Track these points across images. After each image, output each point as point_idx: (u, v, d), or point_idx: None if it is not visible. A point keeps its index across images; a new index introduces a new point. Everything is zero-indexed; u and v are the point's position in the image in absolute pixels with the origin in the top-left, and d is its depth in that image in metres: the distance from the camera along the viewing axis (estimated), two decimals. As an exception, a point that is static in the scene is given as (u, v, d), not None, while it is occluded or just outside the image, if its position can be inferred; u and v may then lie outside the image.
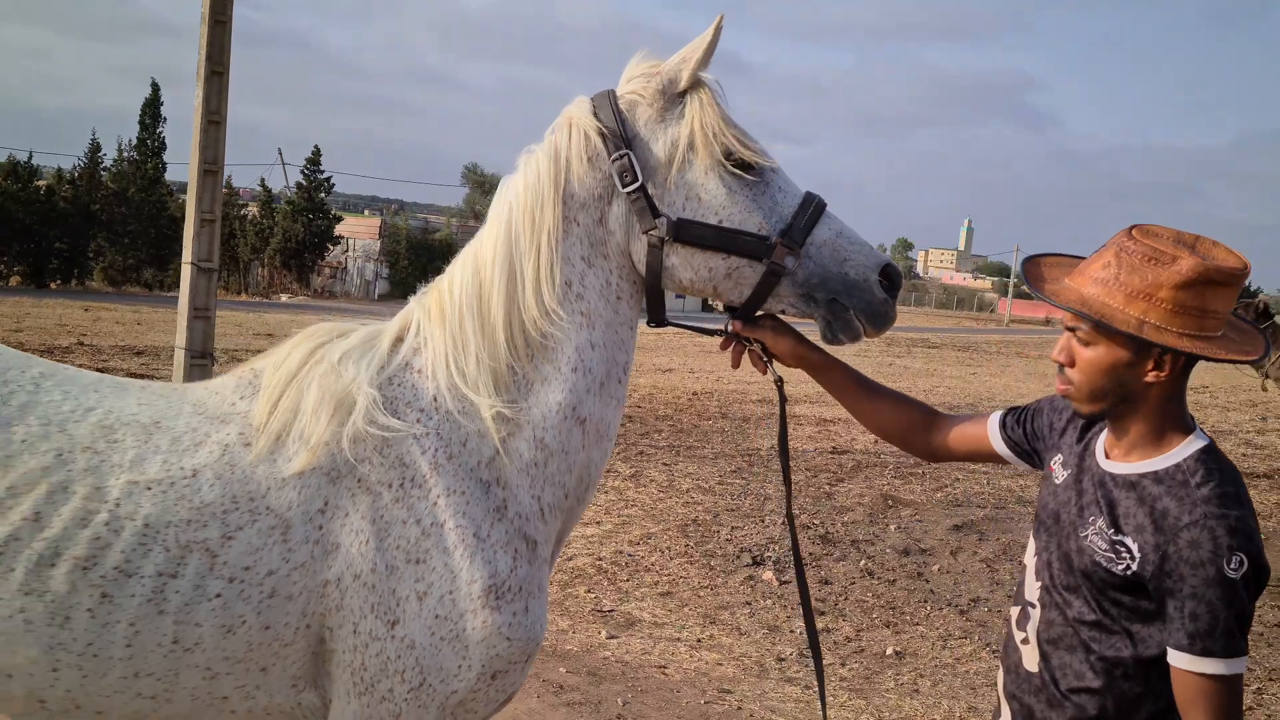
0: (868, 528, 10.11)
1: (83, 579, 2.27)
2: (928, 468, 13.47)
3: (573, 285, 2.53)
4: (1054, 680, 2.34)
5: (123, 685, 2.32)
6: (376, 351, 2.53)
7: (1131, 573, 2.20)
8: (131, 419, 2.43)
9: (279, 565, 2.35)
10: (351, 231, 54.89)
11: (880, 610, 7.77)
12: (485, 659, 2.41)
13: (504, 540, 2.45)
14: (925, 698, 6.25)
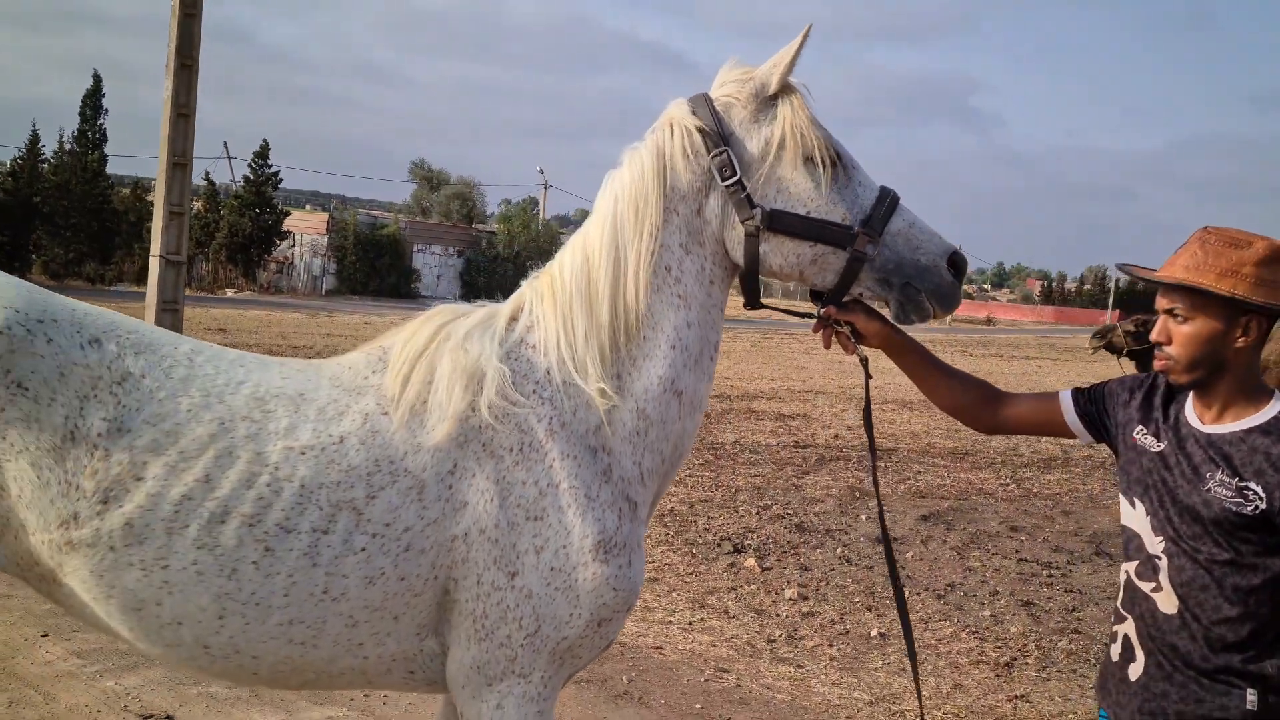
0: (839, 517, 10.40)
1: (249, 534, 2.50)
2: (890, 460, 13.82)
3: (671, 270, 2.76)
4: (1195, 617, 2.64)
5: (278, 631, 2.55)
6: (495, 329, 2.76)
7: (1260, 511, 2.55)
8: (279, 391, 2.65)
9: (415, 522, 2.58)
10: (299, 227, 54.41)
11: (861, 595, 8.04)
12: (594, 608, 2.65)
13: (611, 501, 2.68)
14: (911, 675, 6.49)
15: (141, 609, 2.52)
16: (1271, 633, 2.60)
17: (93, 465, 2.47)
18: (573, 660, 2.71)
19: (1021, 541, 10.07)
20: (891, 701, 6.07)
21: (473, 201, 74.88)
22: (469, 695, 2.67)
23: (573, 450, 2.66)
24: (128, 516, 2.47)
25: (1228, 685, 2.61)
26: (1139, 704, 2.74)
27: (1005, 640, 7.22)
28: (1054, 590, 8.49)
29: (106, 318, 2.68)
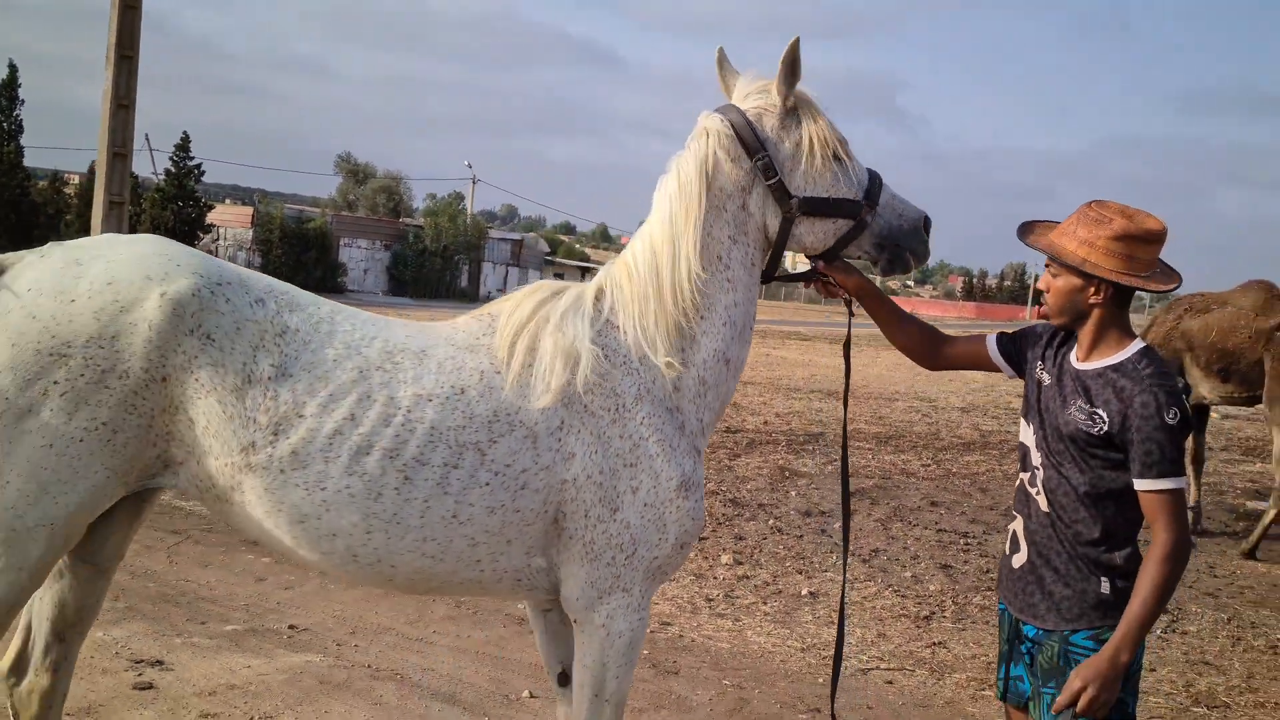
0: (770, 494, 10.96)
1: (390, 465, 3.02)
2: (816, 444, 14.44)
3: (722, 259, 3.33)
4: (1060, 517, 3.22)
5: (414, 546, 3.09)
6: (585, 311, 3.29)
7: (1104, 432, 3.11)
8: (405, 346, 3.17)
9: (530, 465, 3.13)
10: (223, 220, 53.85)
11: (792, 560, 8.60)
12: (677, 534, 3.27)
13: (686, 449, 3.29)
14: (840, 628, 7.06)
15: (304, 522, 3.03)
16: (1121, 534, 3.18)
17: (265, 403, 2.98)
18: (661, 575, 3.32)
19: (941, 514, 10.72)
20: (822, 649, 6.61)
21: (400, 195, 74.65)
22: (584, 607, 3.24)
23: (656, 411, 3.24)
24: (293, 445, 2.98)
25: (1087, 573, 3.17)
26: (1022, 586, 3.32)
27: (925, 597, 7.82)
28: (970, 555, 9.13)
29: (263, 280, 3.20)
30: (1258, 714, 6.00)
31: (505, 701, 5.38)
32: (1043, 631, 3.23)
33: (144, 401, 2.94)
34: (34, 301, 2.91)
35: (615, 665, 3.26)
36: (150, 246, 3.10)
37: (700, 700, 5.60)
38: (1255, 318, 10.53)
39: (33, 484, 2.88)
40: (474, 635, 6.35)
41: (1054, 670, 3.19)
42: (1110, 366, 3.18)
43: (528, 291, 3.38)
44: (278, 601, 6.64)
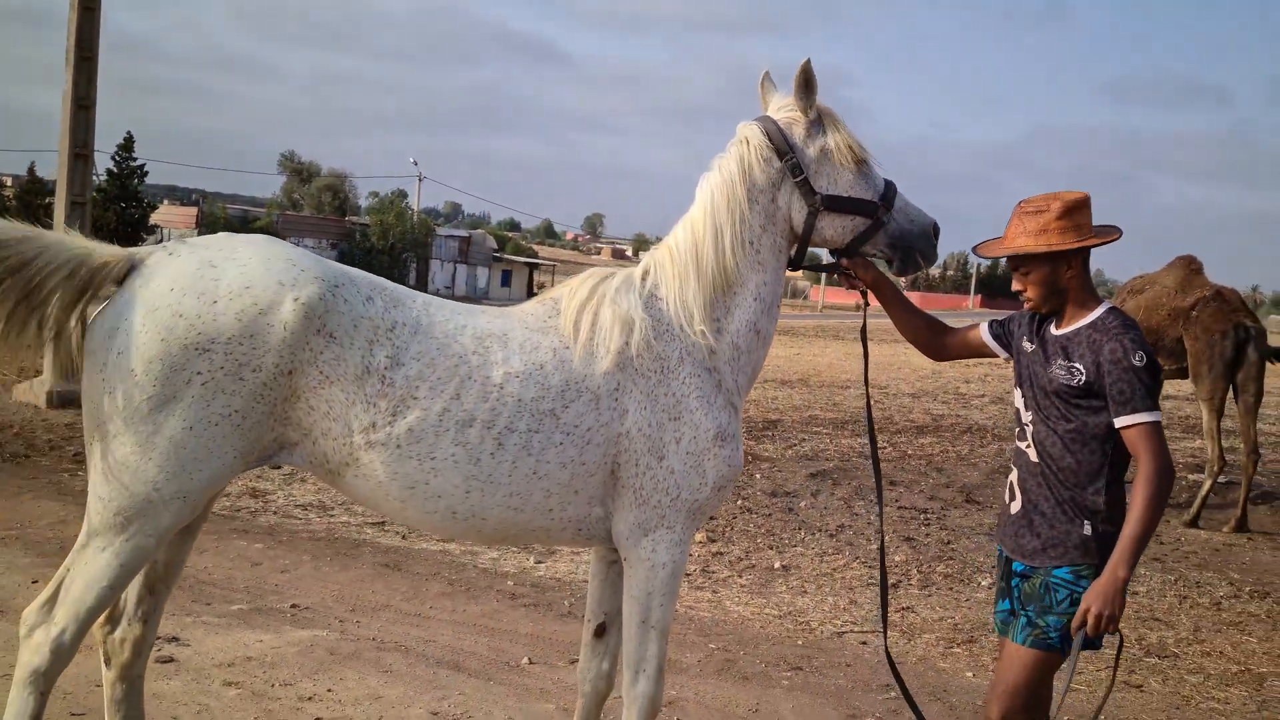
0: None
1: (487, 434, 3.48)
2: (776, 430, 14.84)
3: (753, 244, 3.81)
4: (1048, 466, 3.64)
5: (503, 501, 3.53)
6: (635, 286, 3.76)
7: (1083, 382, 3.56)
8: (489, 332, 3.60)
9: (594, 423, 3.58)
10: (167, 221, 53.45)
11: (762, 537, 8.97)
12: (716, 478, 3.69)
13: (723, 405, 3.73)
14: (812, 596, 7.45)
15: (415, 487, 3.46)
16: (1102, 478, 3.57)
17: (383, 390, 3.38)
18: (701, 515, 3.75)
19: (900, 493, 11.16)
20: (797, 615, 6.99)
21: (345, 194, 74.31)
22: (632, 543, 3.66)
23: (696, 371, 3.69)
24: (409, 424, 3.40)
25: (1072, 516, 3.58)
26: (1015, 530, 3.73)
27: (891, 567, 8.22)
28: (931, 529, 9.57)
29: (367, 278, 3.58)
30: (1204, 661, 6.46)
31: (507, 668, 5.68)
32: (1029, 567, 3.64)
33: (272, 392, 3.32)
34: (179, 301, 3.27)
35: (660, 594, 3.68)
36: (274, 250, 3.46)
37: (690, 662, 5.94)
38: (1174, 295, 11.10)
39: (173, 461, 3.25)
40: (469, 609, 6.65)
41: (1034, 596, 3.59)
42: (1084, 326, 3.63)
43: (583, 278, 3.84)
44: (276, 584, 6.88)
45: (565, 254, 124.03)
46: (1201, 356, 10.72)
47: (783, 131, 3.80)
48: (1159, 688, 6.01)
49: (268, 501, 9.28)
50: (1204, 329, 10.74)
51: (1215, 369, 10.68)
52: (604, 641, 4.03)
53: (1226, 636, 7.00)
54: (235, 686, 5.08)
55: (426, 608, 6.63)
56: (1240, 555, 9.56)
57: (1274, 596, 8.07)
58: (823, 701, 5.52)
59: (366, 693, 5.15)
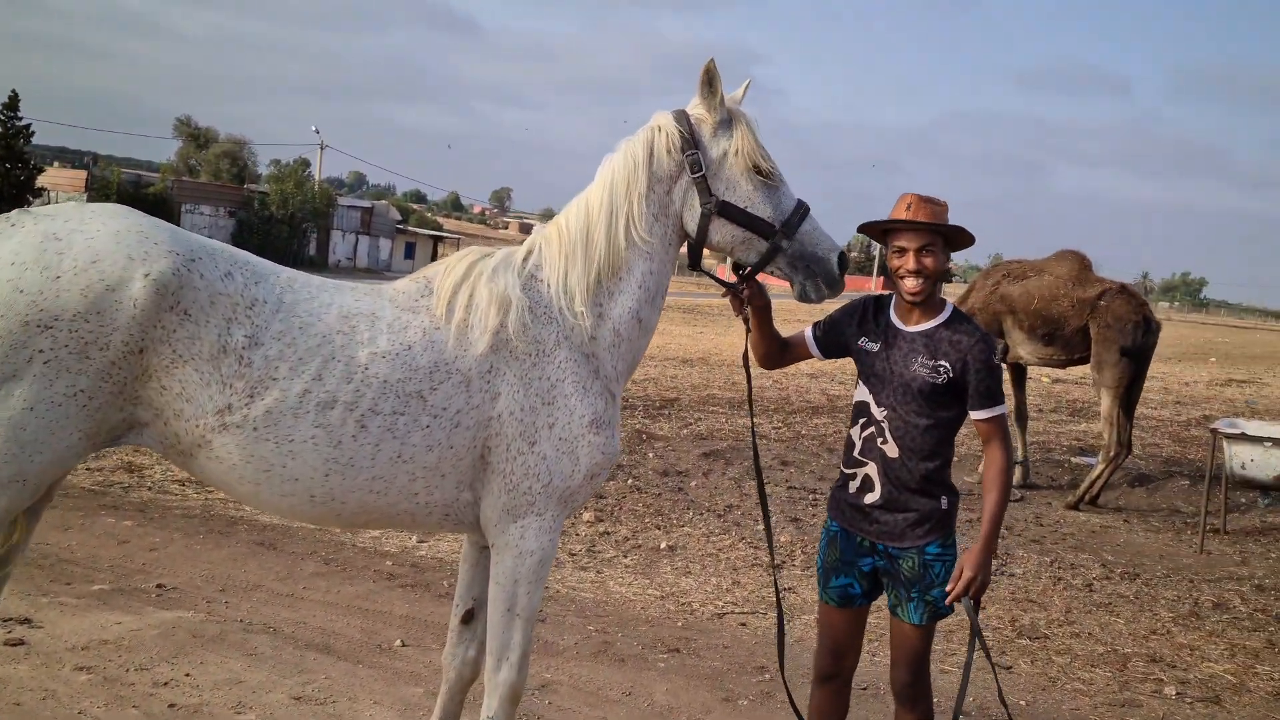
0: (628, 456, 11.29)
1: (349, 416, 3.36)
2: (673, 408, 14.85)
3: (643, 231, 3.74)
4: (909, 456, 3.84)
5: (364, 485, 3.43)
6: (514, 265, 3.68)
7: (948, 379, 3.78)
8: (357, 311, 3.48)
9: (463, 406, 3.49)
10: (54, 184, 51.42)
11: (650, 516, 8.95)
12: (588, 466, 3.63)
13: (600, 391, 3.66)
14: (696, 577, 7.44)
15: (270, 470, 3.34)
16: (948, 457, 3.93)
17: (240, 370, 3.25)
18: (572, 502, 3.68)
19: (791, 473, 11.24)
20: (679, 596, 6.97)
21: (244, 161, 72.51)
22: (500, 530, 3.59)
23: (573, 355, 3.62)
24: (267, 406, 3.28)
25: (932, 494, 3.83)
26: (878, 517, 3.88)
27: (776, 548, 8.26)
28: (818, 510, 9.64)
29: (227, 251, 3.41)
30: (1073, 643, 6.60)
31: (378, 650, 5.55)
32: (898, 549, 3.85)
33: (120, 371, 3.16)
34: (20, 275, 3.07)
35: (526, 581, 3.61)
36: (125, 222, 3.26)
37: (567, 644, 5.87)
38: (1074, 287, 11.33)
39: (11, 443, 3.07)
40: (344, 590, 6.50)
41: (915, 577, 3.82)
42: (940, 325, 3.86)
43: (460, 255, 3.74)
44: (143, 562, 6.64)
45: (472, 227, 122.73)
46: (1111, 345, 10.97)
47: (691, 125, 3.75)
48: (1027, 669, 6.11)
49: (143, 476, 8.98)
50: (1116, 318, 11.00)
51: (1124, 357, 10.96)
52: (471, 628, 3.95)
53: (1096, 618, 7.16)
54: (87, 671, 4.88)
55: (300, 588, 6.46)
56: (1115, 537, 9.81)
57: (1143, 578, 8.28)
58: (697, 684, 5.50)
59: (227, 677, 4.98)
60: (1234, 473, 9.71)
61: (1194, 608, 7.54)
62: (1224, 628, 7.12)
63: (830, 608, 4.01)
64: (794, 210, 3.82)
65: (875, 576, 3.94)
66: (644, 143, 3.75)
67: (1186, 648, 6.65)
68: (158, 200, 52.06)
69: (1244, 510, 11.05)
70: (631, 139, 3.80)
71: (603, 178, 3.76)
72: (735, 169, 3.75)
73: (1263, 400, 22.96)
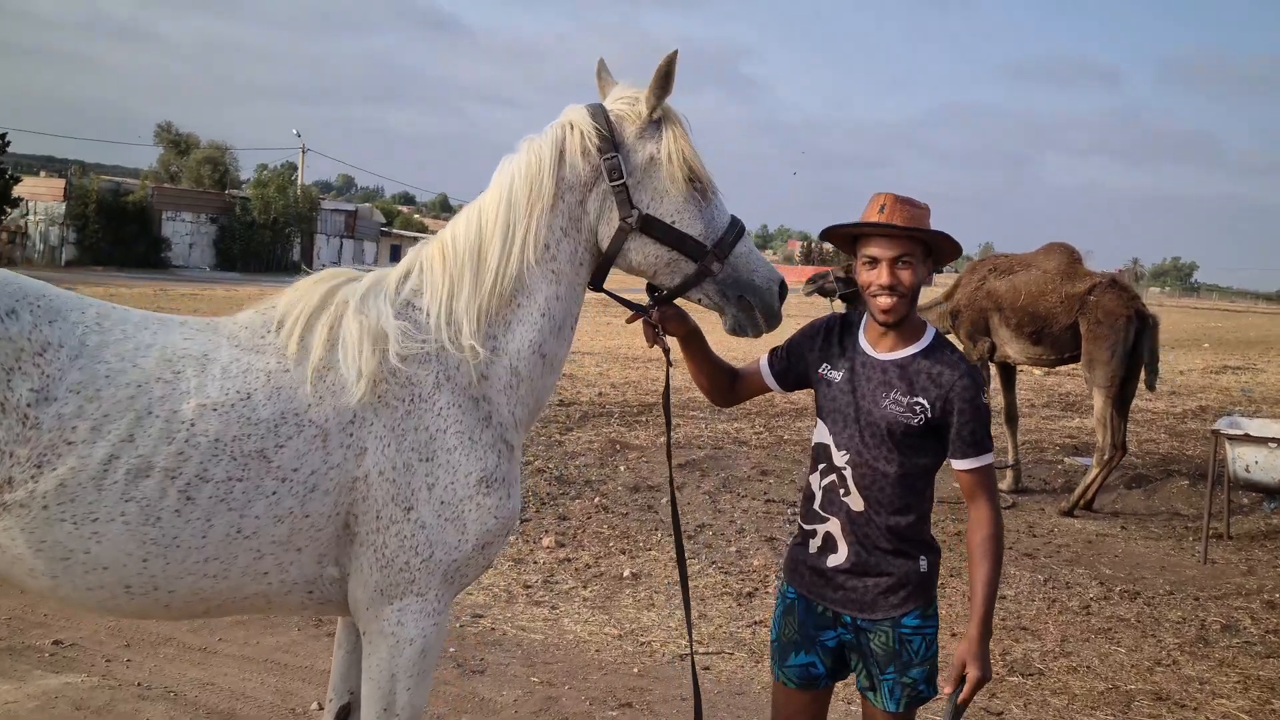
0: (599, 469, 10.69)
1: (170, 485, 2.72)
2: (649, 415, 14.24)
3: (550, 249, 3.11)
4: (877, 511, 3.21)
5: (195, 567, 2.79)
6: (386, 291, 3.04)
7: (925, 420, 3.14)
8: (185, 352, 2.85)
9: (319, 466, 2.85)
10: (32, 193, 50.73)
11: (616, 539, 8.33)
12: (479, 534, 3.00)
13: (491, 443, 3.03)
14: (660, 610, 6.84)
15: (69, 558, 2.70)
16: (926, 510, 3.28)
17: (23, 433, 2.62)
18: (460, 579, 3.06)
19: (770, 484, 10.63)
20: (639, 635, 6.36)
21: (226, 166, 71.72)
22: (372, 615, 2.97)
23: (457, 400, 2.99)
24: (60, 478, 2.64)
25: (908, 554, 3.23)
26: (843, 583, 3.26)
27: (748, 573, 7.66)
28: (796, 526, 9.02)
29: (15, 284, 2.77)
30: (1070, 680, 5.99)
31: (291, 715, 4.94)
32: (868, 620, 3.24)
33: None
34: None
35: (406, 675, 2.98)
36: None
37: (505, 701, 5.27)
38: (1062, 282, 10.70)
39: None
40: (264, 641, 5.88)
41: (889, 655, 3.22)
42: (919, 353, 3.22)
43: (314, 279, 3.11)
44: (44, 614, 6.02)
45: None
46: (1102, 342, 10.33)
47: (611, 124, 3.14)
48: (1019, 714, 5.51)
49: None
50: (1107, 313, 10.35)
51: (1117, 355, 10.32)
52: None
53: (1095, 647, 6.55)
54: (-61, 761, 4.27)
55: (215, 640, 5.85)
56: (1113, 546, 9.22)
57: (1144, 596, 7.68)
58: (649, 746, 4.90)
59: (106, 760, 4.37)
60: (1237, 476, 9.13)
61: (1201, 631, 6.94)
62: (1235, 655, 6.52)
63: (787, 689, 3.38)
64: (728, 228, 3.22)
65: (841, 652, 3.32)
66: (553, 142, 3.13)
67: (1195, 681, 6.04)
68: (137, 209, 51.39)
69: (1246, 512, 10.47)
70: (536, 137, 3.17)
71: (500, 183, 3.13)
72: (664, 177, 3.14)
73: (1259, 388, 22.39)
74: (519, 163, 3.12)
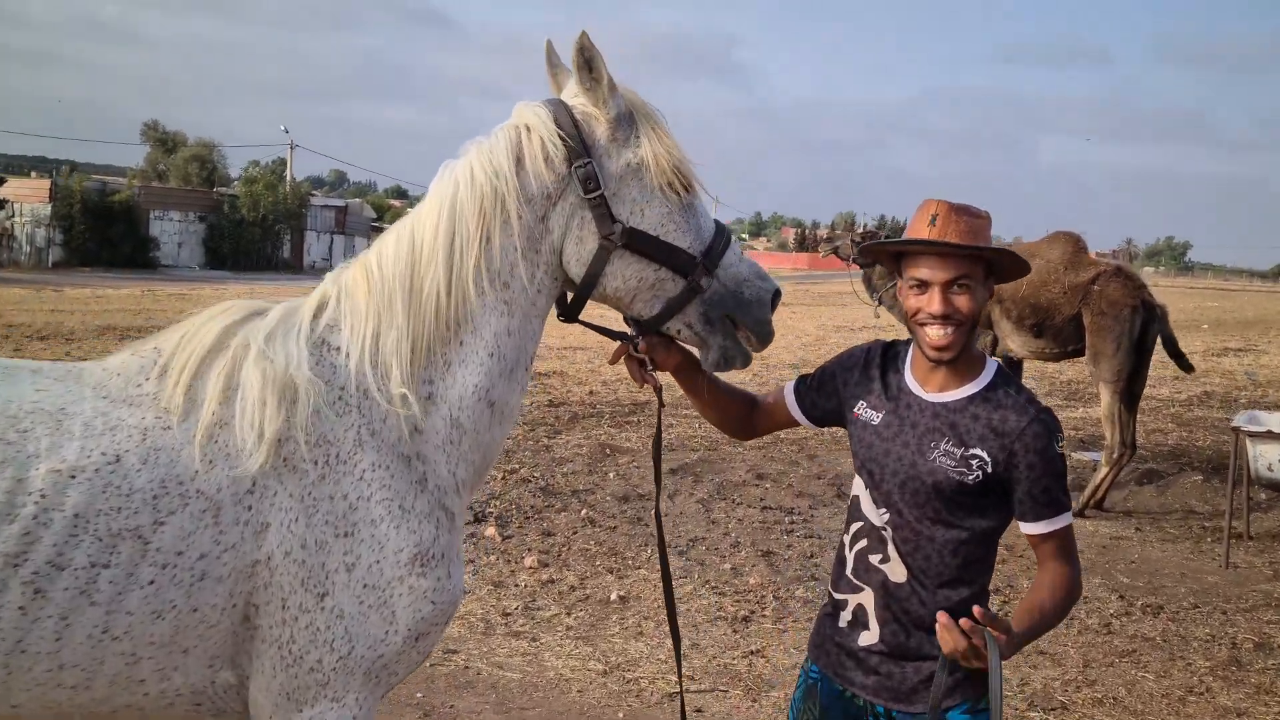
0: (587, 477, 10.19)
1: (14, 576, 2.19)
2: (641, 415, 13.74)
3: (502, 274, 2.60)
4: (923, 583, 2.67)
5: (46, 678, 2.27)
6: (299, 329, 2.51)
7: (983, 476, 2.60)
8: (35, 406, 2.32)
9: (210, 548, 2.33)
10: (17, 194, 50.16)
11: (603, 557, 7.83)
12: (411, 623, 2.48)
13: (427, 511, 2.52)
14: (649, 639, 6.34)
15: None
16: (985, 581, 2.75)
17: None
18: (389, 677, 2.54)
19: (766, 489, 10.13)
20: (626, 669, 5.87)
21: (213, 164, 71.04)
22: None
23: (384, 460, 2.48)
24: None
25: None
26: (876, 666, 2.75)
27: (744, 593, 7.16)
28: (794, 537, 8.53)
29: None
30: (1096, 714, 5.50)
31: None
32: (907, 714, 2.72)
33: None
34: None
35: None
36: None
37: (476, 757, 4.78)
38: (1065, 272, 10.18)
39: None
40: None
41: None
42: (977, 395, 2.69)
43: (209, 314, 2.57)
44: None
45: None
46: (1107, 334, 9.80)
47: (579, 125, 2.63)
48: (1044, 759, 5.02)
49: None
50: (1110, 304, 9.81)
51: (1123, 347, 9.79)
52: None
53: (1120, 673, 6.06)
54: None
55: None
56: (1129, 551, 8.74)
57: (1168, 610, 7.20)
58: (635, 809, 4.42)
59: None
60: (1259, 474, 8.64)
61: (1233, 651, 6.45)
62: (1272, 678, 6.03)
63: None
64: (715, 235, 2.74)
65: None
66: (508, 148, 2.61)
67: (1232, 713, 5.56)
68: (123, 208, 50.79)
69: (1266, 508, 10.00)
70: (485, 140, 2.65)
71: (441, 195, 2.60)
72: (648, 184, 2.66)
73: (1262, 370, 21.96)
74: (465, 171, 2.60)
